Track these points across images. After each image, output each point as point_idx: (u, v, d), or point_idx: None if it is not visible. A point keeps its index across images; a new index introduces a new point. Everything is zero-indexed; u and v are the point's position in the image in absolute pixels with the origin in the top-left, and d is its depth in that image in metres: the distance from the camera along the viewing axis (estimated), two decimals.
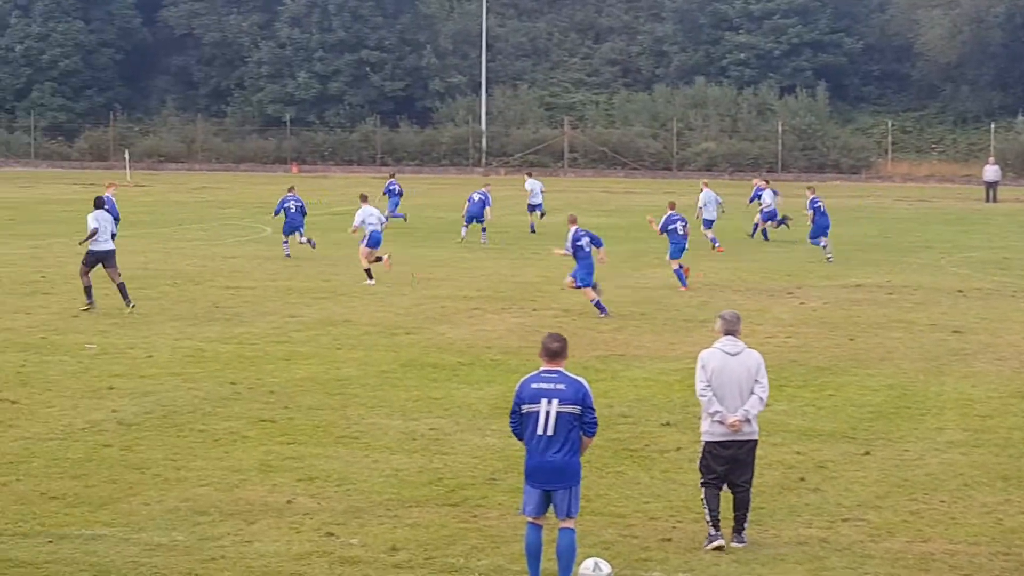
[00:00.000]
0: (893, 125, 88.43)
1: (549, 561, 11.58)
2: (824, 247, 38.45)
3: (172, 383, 19.46)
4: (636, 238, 43.12)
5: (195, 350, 22.24)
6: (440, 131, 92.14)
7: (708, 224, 42.12)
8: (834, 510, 13.83)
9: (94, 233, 26.96)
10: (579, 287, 27.00)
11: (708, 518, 12.64)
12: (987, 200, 65.50)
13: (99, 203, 27.85)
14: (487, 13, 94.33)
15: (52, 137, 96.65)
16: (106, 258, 27.06)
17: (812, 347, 23.56)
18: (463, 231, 43.15)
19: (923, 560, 12.36)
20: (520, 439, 11.59)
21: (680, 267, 31.21)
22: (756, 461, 13.07)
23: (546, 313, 27.27)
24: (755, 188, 46.97)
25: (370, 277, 31.63)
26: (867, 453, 16.10)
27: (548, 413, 11.27)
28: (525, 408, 11.39)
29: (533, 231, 46.21)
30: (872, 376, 20.91)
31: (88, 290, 26.97)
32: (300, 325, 25.22)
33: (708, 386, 12.65)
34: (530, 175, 51.03)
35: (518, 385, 11.59)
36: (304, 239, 37.60)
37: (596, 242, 26.81)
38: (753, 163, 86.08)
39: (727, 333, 12.75)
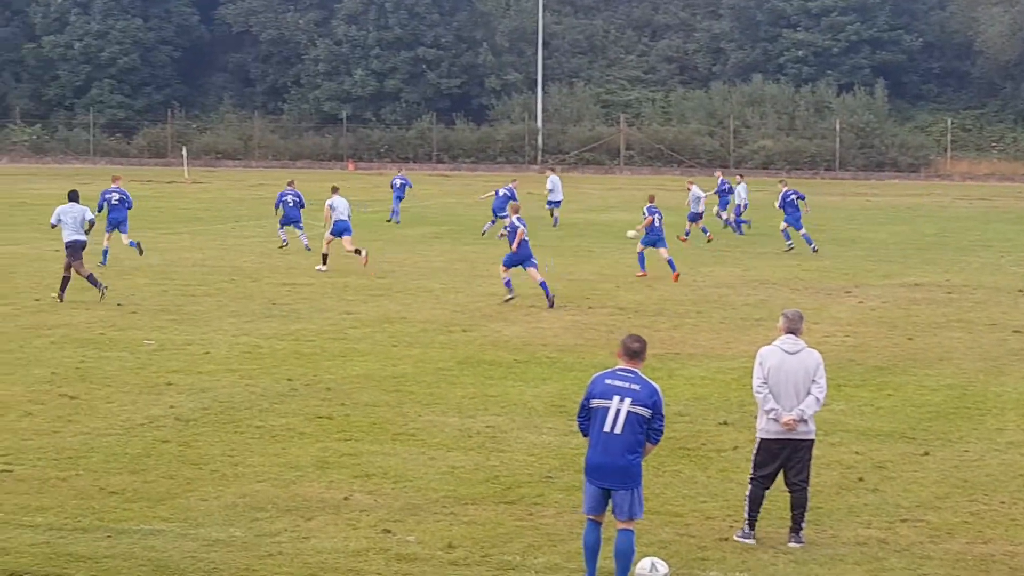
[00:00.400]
0: (953, 123, 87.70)
1: (606, 560, 11.55)
2: (785, 235, 39.95)
3: (229, 379, 19.56)
4: (693, 235, 42.94)
5: (252, 346, 22.35)
6: (496, 128, 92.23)
7: (694, 217, 42.97)
8: (893, 511, 13.71)
9: (53, 227, 28.02)
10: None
11: (746, 515, 12.62)
12: None
13: (72, 196, 28.38)
14: (543, 10, 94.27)
15: (111, 134, 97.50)
16: (73, 251, 27.59)
17: (870, 346, 23.38)
18: (487, 225, 43.39)
19: (983, 562, 12.23)
20: (585, 434, 11.54)
21: (642, 252, 33.00)
22: (814, 461, 12.98)
23: (601, 311, 27.22)
24: (719, 182, 47.83)
25: (324, 262, 33.29)
26: (926, 453, 15.96)
27: (618, 411, 11.22)
28: (595, 403, 11.34)
29: (555, 226, 47.12)
30: (931, 376, 20.73)
31: (91, 278, 27.39)
32: (356, 322, 25.29)
33: (764, 383, 12.59)
34: (552, 171, 51.56)
35: (591, 380, 11.56)
36: (303, 237, 38.22)
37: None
38: (811, 161, 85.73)
39: (789, 331, 12.69)
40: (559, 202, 48.48)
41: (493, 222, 43.18)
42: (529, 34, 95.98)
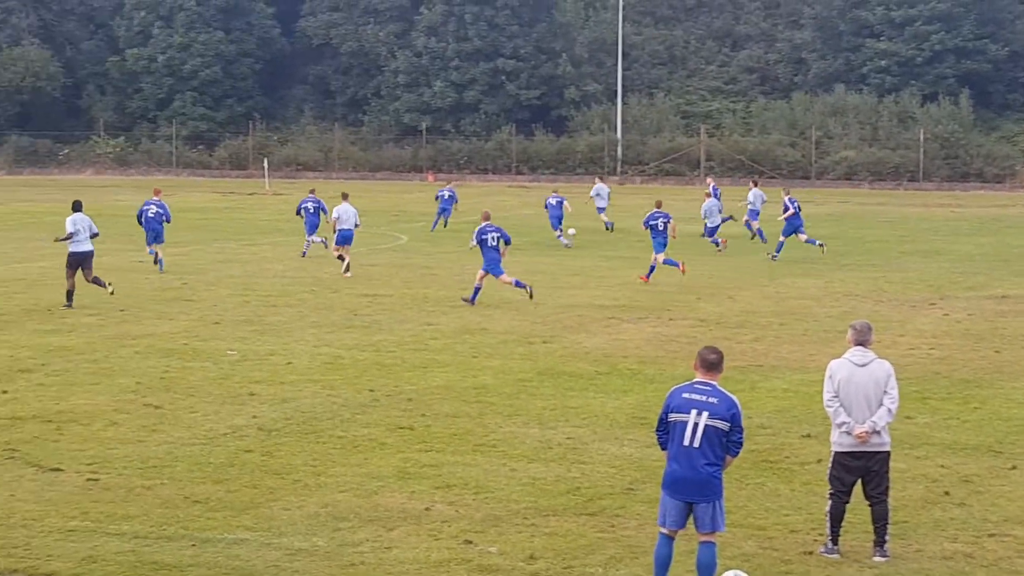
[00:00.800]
0: None
1: (689, 573, 11.46)
2: (779, 248, 40.15)
3: (311, 389, 19.68)
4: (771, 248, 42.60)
5: (333, 357, 22.46)
6: (575, 140, 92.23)
7: (711, 232, 43.96)
8: (980, 525, 13.51)
9: (70, 236, 28.39)
10: (488, 274, 29.46)
11: (828, 531, 12.52)
12: None
13: (76, 206, 29.21)
14: (623, 21, 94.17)
15: (193, 146, 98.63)
16: (85, 260, 28.47)
17: (956, 359, 23.08)
18: (560, 238, 44.67)
19: None
20: (663, 448, 11.50)
21: (667, 260, 34.08)
22: (898, 474, 12.83)
23: (683, 323, 27.09)
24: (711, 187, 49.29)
25: (346, 269, 34.54)
26: (1014, 468, 15.72)
27: (696, 424, 11.16)
28: (673, 417, 11.30)
29: (610, 228, 49.59)
30: (1018, 389, 20.41)
31: (70, 294, 27.82)
32: (437, 333, 25.35)
33: (835, 396, 12.48)
34: (601, 179, 53.44)
35: (669, 393, 11.51)
36: (319, 239, 39.52)
37: (505, 239, 29.79)
38: (894, 171, 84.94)
39: (858, 343, 12.57)
40: (603, 208, 50.97)
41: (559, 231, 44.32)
42: (609, 45, 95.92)
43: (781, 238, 40.33)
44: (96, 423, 17.48)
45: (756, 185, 48.57)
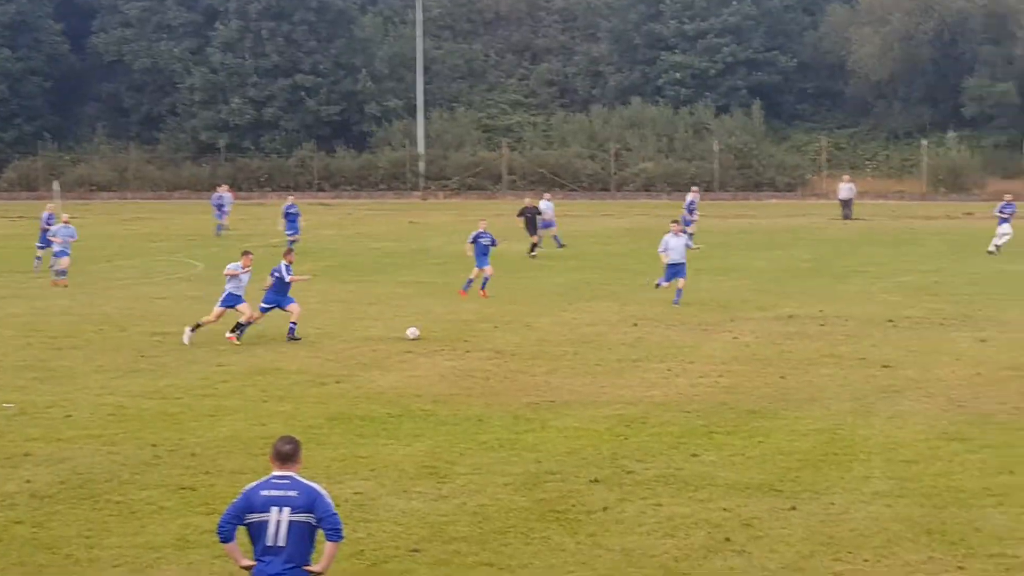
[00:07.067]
0: (828, 142, 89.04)
1: None
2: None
3: (91, 447, 19.03)
4: (572, 267, 43.01)
5: (117, 407, 21.80)
6: (377, 155, 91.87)
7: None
8: (759, 574, 13.68)
9: None
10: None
11: None
12: (844, 218, 66.39)
13: None
14: (423, 35, 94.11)
15: None
16: None
17: (743, 387, 23.47)
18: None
19: None
20: (223, 541, 10.69)
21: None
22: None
23: (479, 355, 27.03)
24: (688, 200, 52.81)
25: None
26: (793, 508, 15.97)
27: (279, 523, 10.46)
28: (253, 517, 10.51)
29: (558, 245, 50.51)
30: (801, 419, 20.82)
31: None
32: (227, 375, 24.86)
33: None
34: (545, 196, 54.71)
35: (243, 492, 10.69)
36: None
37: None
38: (690, 183, 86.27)
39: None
40: (549, 223, 51.16)
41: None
42: (408, 59, 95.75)
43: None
44: None
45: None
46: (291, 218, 51.95)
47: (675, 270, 34.66)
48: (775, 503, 16.21)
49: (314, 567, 10.64)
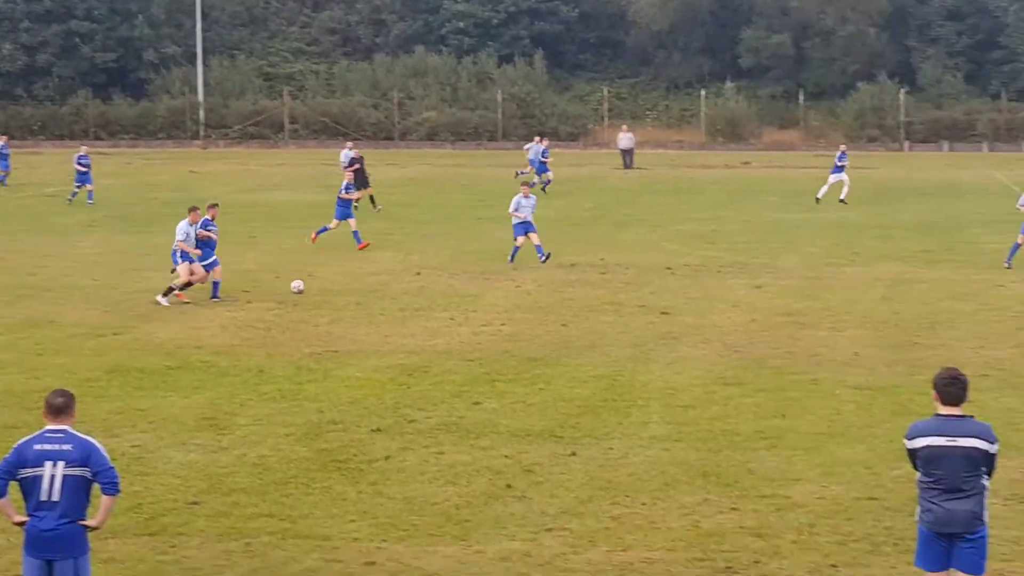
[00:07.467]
0: (609, 92, 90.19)
1: None
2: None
3: None
4: (359, 218, 42.76)
5: None
6: (156, 104, 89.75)
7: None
8: (539, 519, 13.89)
9: None
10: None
11: None
12: (625, 167, 67.91)
13: None
14: None
15: None
16: None
17: (525, 335, 23.73)
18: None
19: (622, 570, 12.52)
20: None
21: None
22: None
23: (260, 305, 26.76)
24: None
25: None
26: (573, 454, 16.26)
27: (53, 477, 10.26)
28: (27, 472, 10.34)
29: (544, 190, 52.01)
30: (582, 366, 21.16)
31: None
32: (1, 328, 24.16)
33: None
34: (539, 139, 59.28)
35: (16, 447, 10.44)
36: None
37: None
38: (474, 132, 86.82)
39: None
40: (533, 161, 56.63)
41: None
42: (187, 5, 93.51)
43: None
44: None
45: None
46: (82, 169, 49.40)
47: (525, 227, 33.97)
48: (556, 449, 16.48)
49: (90, 522, 10.48)
